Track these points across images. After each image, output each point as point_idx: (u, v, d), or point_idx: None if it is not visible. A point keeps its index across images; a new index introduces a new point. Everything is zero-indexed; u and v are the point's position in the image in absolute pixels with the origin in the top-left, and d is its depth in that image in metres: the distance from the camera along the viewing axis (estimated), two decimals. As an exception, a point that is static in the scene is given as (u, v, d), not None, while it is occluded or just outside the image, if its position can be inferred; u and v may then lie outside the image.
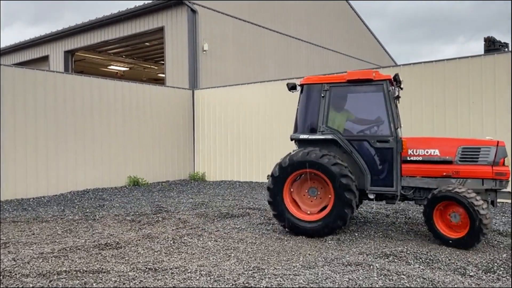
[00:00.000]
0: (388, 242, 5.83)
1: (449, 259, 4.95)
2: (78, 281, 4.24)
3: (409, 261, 4.87)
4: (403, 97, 8.14)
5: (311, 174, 6.20)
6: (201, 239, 6.01)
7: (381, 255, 5.07)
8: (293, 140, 6.72)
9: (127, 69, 26.17)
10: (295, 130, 6.64)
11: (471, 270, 4.60)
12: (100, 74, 21.34)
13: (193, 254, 5.26)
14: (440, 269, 4.63)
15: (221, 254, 5.25)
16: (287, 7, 19.99)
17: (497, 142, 5.79)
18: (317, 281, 4.19)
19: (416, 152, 6.09)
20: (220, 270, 4.57)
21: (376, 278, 4.28)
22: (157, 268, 4.64)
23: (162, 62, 20.34)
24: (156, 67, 25.78)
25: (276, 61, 19.38)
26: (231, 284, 4.13)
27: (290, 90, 6.86)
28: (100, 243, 5.73)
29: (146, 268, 4.64)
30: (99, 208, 8.78)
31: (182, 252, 5.34)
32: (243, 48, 17.80)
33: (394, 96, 6.21)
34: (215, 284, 4.14)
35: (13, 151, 9.97)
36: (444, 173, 5.90)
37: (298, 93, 6.80)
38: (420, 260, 4.90)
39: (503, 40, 9.59)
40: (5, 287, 4.11)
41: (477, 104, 9.41)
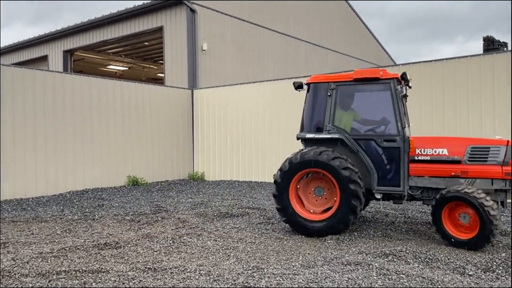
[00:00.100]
0: (388, 242, 5.84)
1: (448, 258, 4.95)
2: (78, 281, 4.23)
3: (408, 261, 4.87)
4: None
5: (320, 174, 6.17)
6: (201, 239, 6.01)
7: (381, 255, 5.07)
8: (299, 139, 6.65)
9: (126, 69, 26.14)
10: (302, 129, 6.58)
11: (470, 269, 4.60)
12: (99, 74, 21.34)
13: (193, 254, 5.26)
14: (439, 268, 4.64)
15: (221, 254, 5.25)
16: (287, 7, 19.99)
17: (507, 142, 5.65)
18: (317, 281, 4.19)
19: (424, 152, 6.02)
20: (220, 270, 4.57)
21: (376, 278, 4.28)
22: (157, 268, 4.63)
23: (161, 62, 20.30)
24: (155, 67, 25.77)
25: (275, 61, 19.37)
26: (231, 284, 4.13)
27: (297, 89, 6.79)
28: (100, 243, 5.72)
29: (146, 268, 4.63)
30: (98, 208, 8.78)
31: (182, 252, 5.34)
32: (242, 48, 17.79)
33: (402, 95, 6.11)
34: (215, 284, 4.13)
35: (12, 151, 9.96)
36: (453, 173, 5.81)
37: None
38: (419, 260, 4.90)
39: (502, 40, 9.59)
40: (5, 287, 4.10)
41: (476, 104, 9.41)
